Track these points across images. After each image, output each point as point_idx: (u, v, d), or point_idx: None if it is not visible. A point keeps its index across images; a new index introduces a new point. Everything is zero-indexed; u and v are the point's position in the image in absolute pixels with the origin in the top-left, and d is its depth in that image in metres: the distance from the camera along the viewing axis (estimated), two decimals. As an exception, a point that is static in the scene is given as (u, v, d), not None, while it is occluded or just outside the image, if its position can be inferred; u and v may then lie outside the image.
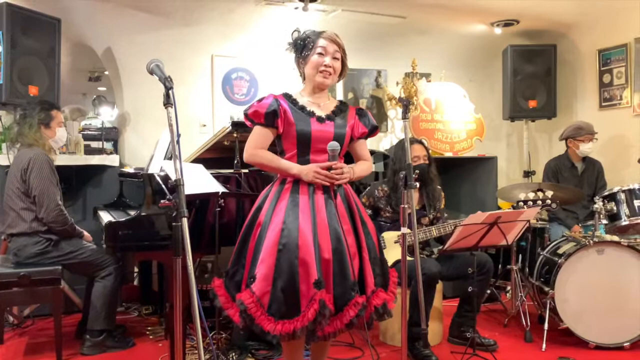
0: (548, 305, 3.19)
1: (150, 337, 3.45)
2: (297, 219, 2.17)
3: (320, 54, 2.29)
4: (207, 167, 3.10)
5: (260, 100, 2.30)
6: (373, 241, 2.34)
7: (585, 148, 4.09)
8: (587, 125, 4.11)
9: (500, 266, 4.16)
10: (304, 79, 2.40)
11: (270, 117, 2.26)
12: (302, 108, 2.30)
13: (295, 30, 2.36)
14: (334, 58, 2.31)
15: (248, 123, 2.34)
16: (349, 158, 2.43)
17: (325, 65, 2.28)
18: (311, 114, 2.29)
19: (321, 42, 2.30)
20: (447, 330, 3.38)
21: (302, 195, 2.23)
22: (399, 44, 5.29)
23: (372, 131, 2.47)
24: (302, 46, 2.32)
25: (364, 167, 2.42)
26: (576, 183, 4.13)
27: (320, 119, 2.29)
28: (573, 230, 3.87)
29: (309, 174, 2.21)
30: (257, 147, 2.29)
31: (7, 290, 2.92)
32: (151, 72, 1.89)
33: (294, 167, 2.24)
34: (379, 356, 3.07)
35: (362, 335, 3.27)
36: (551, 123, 5.41)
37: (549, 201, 3.15)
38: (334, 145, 2.22)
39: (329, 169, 2.21)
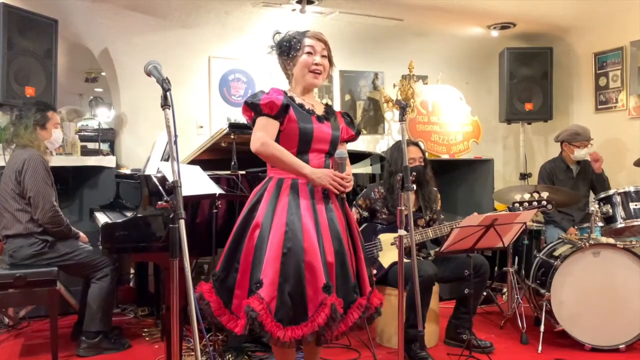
0: (544, 308, 3.19)
1: (147, 338, 3.44)
2: (300, 219, 2.14)
3: (309, 53, 2.25)
4: (204, 168, 3.09)
5: (268, 93, 2.24)
6: (363, 242, 2.36)
7: (580, 153, 4.10)
8: (584, 131, 4.11)
9: (496, 268, 4.17)
10: (290, 80, 2.37)
11: (282, 111, 2.20)
12: (302, 106, 2.26)
13: (276, 33, 2.32)
14: (322, 56, 2.28)
15: (248, 114, 2.26)
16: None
17: (316, 64, 2.25)
18: (311, 112, 2.27)
19: (308, 41, 2.27)
20: (443, 332, 3.38)
21: (302, 196, 2.19)
22: (396, 46, 5.31)
23: (357, 136, 2.48)
24: (288, 47, 2.27)
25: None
26: (571, 185, 4.14)
27: (319, 118, 2.27)
28: (569, 232, 3.88)
29: (323, 178, 2.16)
30: (269, 137, 2.20)
31: (3, 291, 2.91)
32: (149, 74, 1.88)
33: (306, 167, 2.18)
34: (375, 358, 3.07)
35: (359, 337, 3.27)
36: (547, 126, 5.43)
37: (544, 202, 3.16)
38: (342, 153, 2.21)
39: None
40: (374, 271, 3.05)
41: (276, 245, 2.10)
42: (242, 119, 2.43)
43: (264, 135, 2.18)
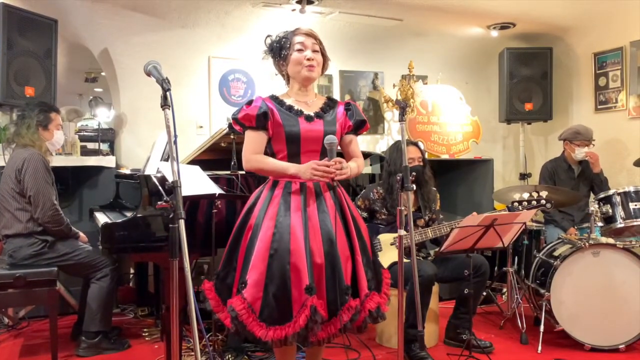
0: (544, 308, 3.19)
1: (147, 338, 3.44)
2: (288, 221, 2.14)
3: (299, 50, 2.25)
4: (204, 168, 3.09)
5: (249, 104, 2.25)
6: (365, 243, 2.30)
7: (579, 153, 4.09)
8: (586, 130, 4.09)
9: (496, 268, 4.17)
10: (287, 80, 2.36)
11: (261, 120, 2.21)
12: (290, 108, 2.26)
13: (267, 37, 2.34)
14: (314, 51, 2.27)
15: (238, 127, 2.29)
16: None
17: (308, 59, 2.24)
18: (299, 113, 2.25)
19: (297, 38, 2.27)
20: (443, 332, 3.38)
21: (294, 197, 2.20)
22: (396, 46, 5.31)
23: (360, 126, 2.38)
24: (279, 48, 2.28)
25: (358, 162, 2.37)
26: (573, 185, 4.13)
27: (308, 118, 2.25)
28: (569, 232, 3.89)
29: (306, 171, 2.14)
30: (253, 152, 2.24)
31: (2, 291, 2.91)
32: (148, 74, 1.88)
33: (291, 167, 2.20)
34: (375, 358, 3.08)
35: (359, 337, 3.27)
36: (547, 126, 5.43)
37: (543, 201, 3.15)
38: (331, 138, 2.15)
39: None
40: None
41: (263, 247, 2.13)
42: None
43: (246, 154, 2.26)
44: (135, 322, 3.85)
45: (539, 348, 3.17)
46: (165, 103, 1.79)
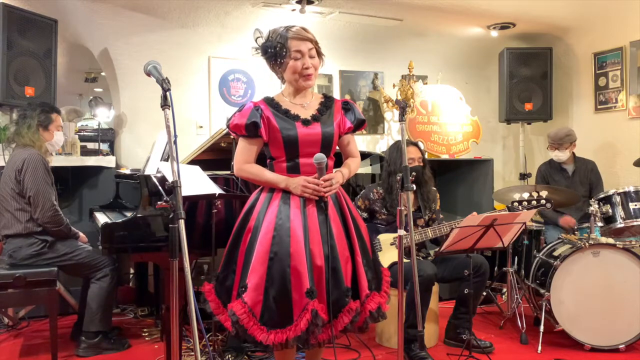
0: (544, 308, 3.19)
1: (146, 338, 3.44)
2: (288, 223, 2.14)
3: (297, 58, 2.19)
4: (204, 168, 3.09)
5: (240, 110, 2.23)
6: (365, 243, 2.29)
7: (554, 156, 4.11)
8: (555, 134, 4.10)
9: (496, 268, 4.17)
10: (282, 80, 2.32)
11: (251, 129, 2.19)
12: (286, 112, 2.23)
13: (258, 36, 2.24)
14: (311, 57, 2.21)
15: (233, 135, 2.30)
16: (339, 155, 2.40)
17: (306, 68, 2.20)
18: (296, 117, 2.23)
19: (294, 44, 2.18)
20: (443, 332, 3.38)
21: (293, 199, 2.19)
22: (396, 46, 5.31)
23: (359, 126, 2.37)
24: (274, 54, 2.20)
25: (352, 167, 2.36)
26: (568, 185, 4.12)
27: (305, 122, 2.22)
28: (566, 221, 3.87)
29: (297, 188, 2.16)
30: (244, 161, 2.24)
31: (2, 291, 2.91)
32: (148, 74, 1.88)
33: (282, 181, 2.20)
34: (375, 358, 3.08)
35: (359, 337, 3.27)
36: (547, 126, 5.42)
37: (543, 201, 3.14)
38: (320, 157, 2.15)
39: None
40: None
41: (263, 250, 2.12)
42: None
43: (237, 162, 2.28)
44: (135, 322, 3.85)
45: (539, 348, 3.17)
46: (165, 103, 1.79)
